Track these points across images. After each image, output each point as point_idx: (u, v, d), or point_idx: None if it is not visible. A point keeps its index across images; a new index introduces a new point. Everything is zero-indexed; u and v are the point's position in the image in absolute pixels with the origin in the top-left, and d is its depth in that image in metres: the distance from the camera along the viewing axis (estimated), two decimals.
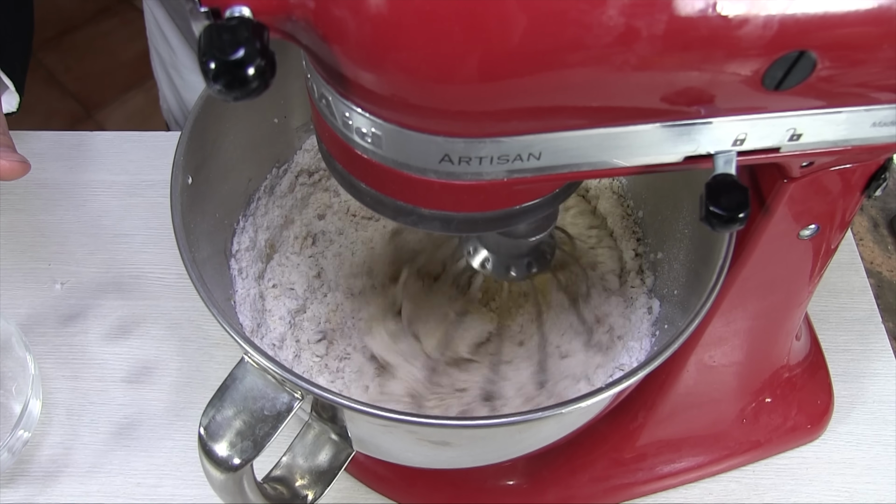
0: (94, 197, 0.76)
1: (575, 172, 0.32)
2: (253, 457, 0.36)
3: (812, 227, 0.45)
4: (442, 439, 0.38)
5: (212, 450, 0.36)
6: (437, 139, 0.30)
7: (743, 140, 0.33)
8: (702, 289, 0.42)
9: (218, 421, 0.36)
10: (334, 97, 0.31)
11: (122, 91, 1.98)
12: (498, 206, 0.34)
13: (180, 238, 0.39)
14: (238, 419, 0.36)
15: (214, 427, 0.36)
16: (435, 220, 0.34)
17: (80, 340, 0.67)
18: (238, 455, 0.36)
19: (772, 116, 0.32)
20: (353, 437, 0.42)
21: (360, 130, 0.31)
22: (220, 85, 0.26)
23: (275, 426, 0.36)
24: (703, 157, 0.33)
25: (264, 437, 0.36)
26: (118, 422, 0.63)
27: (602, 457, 0.61)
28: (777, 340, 0.58)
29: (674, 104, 0.31)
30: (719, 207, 0.31)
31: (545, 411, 0.34)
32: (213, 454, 0.36)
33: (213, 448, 0.36)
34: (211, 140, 0.46)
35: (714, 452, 0.62)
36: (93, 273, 0.71)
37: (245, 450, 0.36)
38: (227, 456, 0.36)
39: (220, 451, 0.36)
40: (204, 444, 0.36)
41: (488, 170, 0.31)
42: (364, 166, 0.33)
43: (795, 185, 0.41)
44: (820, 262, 0.50)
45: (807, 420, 0.63)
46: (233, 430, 0.36)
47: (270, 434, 0.36)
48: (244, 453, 0.36)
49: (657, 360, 0.37)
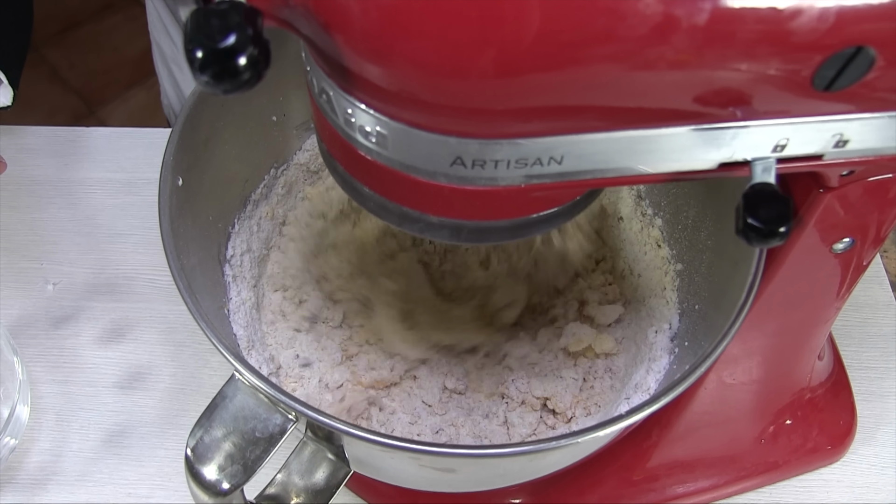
0: (89, 195, 0.73)
1: (599, 179, 0.30)
2: (243, 482, 0.33)
3: (846, 240, 0.43)
4: (448, 466, 0.35)
5: (199, 473, 0.33)
6: (448, 140, 0.27)
7: (784, 146, 0.30)
8: (728, 306, 0.39)
9: (206, 442, 0.34)
10: (336, 92, 0.28)
11: (124, 88, 1.96)
12: (513, 215, 0.31)
13: (168, 243, 0.37)
14: (228, 441, 0.33)
15: (202, 449, 0.34)
16: (444, 228, 0.31)
17: (71, 343, 0.65)
18: (227, 479, 0.33)
19: (817, 120, 0.29)
20: (350, 457, 0.39)
21: (364, 129, 0.29)
22: (208, 76, 0.24)
23: (267, 449, 0.33)
24: (739, 165, 0.30)
25: (256, 461, 0.33)
26: (109, 429, 0.61)
27: (612, 476, 0.58)
28: (800, 359, 0.55)
29: (708, 105, 0.28)
30: (758, 220, 0.28)
31: (559, 441, 0.31)
32: (200, 478, 0.33)
33: (202, 471, 0.33)
34: (204, 139, 0.43)
35: (729, 473, 0.59)
36: (86, 273, 0.68)
37: (235, 474, 0.33)
38: (215, 480, 0.33)
39: (208, 474, 0.33)
40: (191, 467, 0.34)
41: (504, 174, 0.29)
42: (367, 168, 0.30)
43: (832, 195, 0.38)
44: (850, 279, 0.48)
45: (828, 441, 0.61)
46: (222, 453, 0.33)
47: (262, 458, 0.33)
48: (234, 478, 0.33)
49: (681, 386, 0.34)
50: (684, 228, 0.49)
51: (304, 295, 0.52)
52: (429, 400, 0.49)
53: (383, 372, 0.50)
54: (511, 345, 0.52)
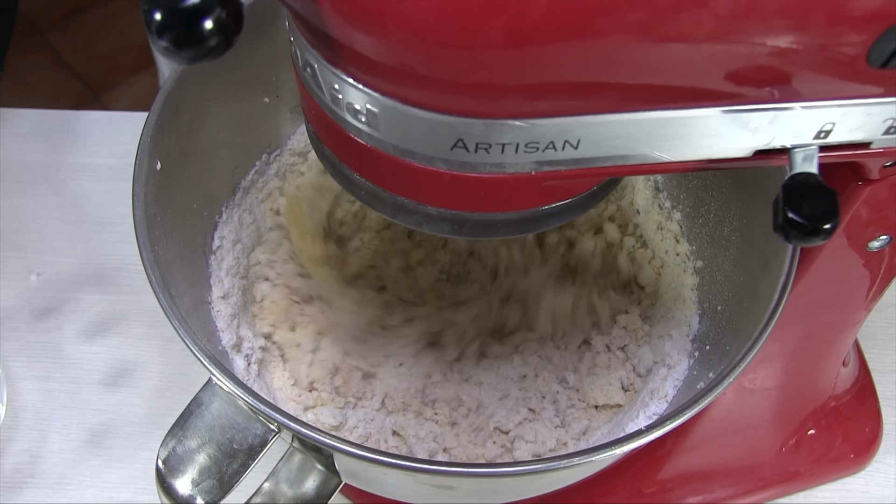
0: (77, 181, 0.70)
1: (619, 167, 0.26)
2: (219, 498, 0.30)
3: (883, 238, 0.39)
4: (446, 484, 0.32)
5: (171, 487, 0.30)
6: (448, 119, 0.24)
7: (828, 132, 0.27)
8: (756, 309, 0.36)
9: (179, 454, 0.30)
10: (321, 64, 0.25)
11: (129, 73, 1.94)
12: (521, 206, 0.28)
13: (140, 232, 0.34)
14: (202, 453, 0.30)
15: (175, 461, 0.31)
16: (444, 221, 0.28)
17: (54, 337, 0.62)
18: (202, 495, 0.30)
19: (869, 103, 0.26)
20: (341, 469, 0.36)
21: (353, 107, 0.25)
22: (167, 41, 0.20)
23: (245, 463, 0.30)
24: (777, 152, 0.27)
25: (233, 476, 0.30)
26: (92, 428, 0.58)
27: (622, 486, 0.55)
28: (825, 365, 0.52)
29: (743, 84, 0.25)
30: (801, 215, 0.25)
31: (571, 459, 0.28)
32: (172, 492, 0.30)
33: (174, 485, 0.30)
34: (187, 120, 0.40)
35: (747, 483, 0.56)
36: (72, 264, 0.65)
37: (210, 490, 0.30)
38: (188, 496, 0.30)
39: (181, 488, 0.30)
40: (162, 481, 0.31)
41: (512, 160, 0.25)
42: (357, 153, 0.27)
43: (872, 188, 0.35)
44: (883, 279, 0.44)
45: (851, 450, 0.57)
46: (196, 466, 0.30)
47: (241, 472, 0.30)
48: (209, 494, 0.30)
49: (706, 398, 0.31)
50: (705, 223, 0.46)
51: (296, 291, 0.48)
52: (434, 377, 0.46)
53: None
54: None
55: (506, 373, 0.47)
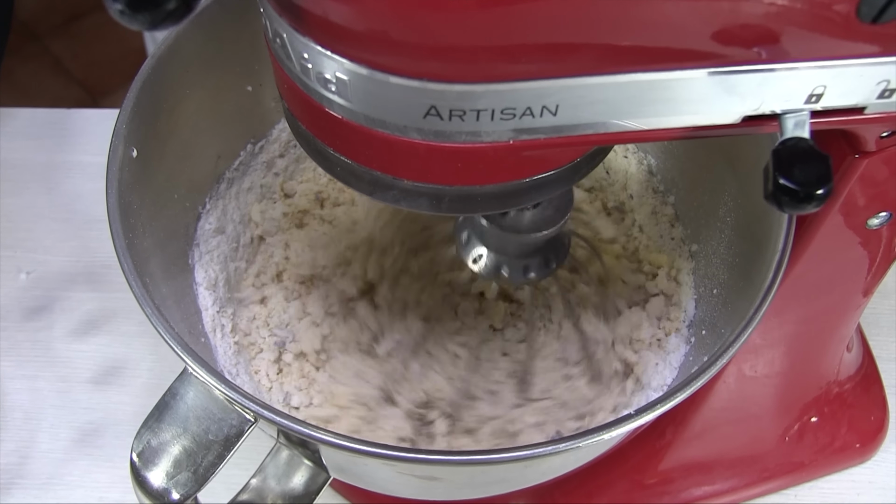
0: (68, 179, 0.70)
1: (601, 134, 0.25)
2: (195, 491, 0.29)
3: (882, 215, 0.38)
4: (428, 474, 0.31)
5: (145, 480, 0.29)
6: (420, 85, 0.23)
7: (820, 96, 0.25)
8: (751, 289, 0.35)
9: (153, 446, 0.29)
10: (289, 33, 0.24)
11: (128, 78, 1.92)
12: (501, 178, 0.27)
13: (113, 218, 0.33)
14: (177, 444, 0.29)
15: (149, 453, 0.29)
16: (421, 195, 0.27)
17: (43, 336, 0.61)
18: (177, 488, 0.29)
19: (860, 63, 0.24)
20: (328, 463, 0.35)
21: (322, 76, 0.24)
22: (123, 3, 0.19)
23: (221, 454, 0.29)
24: (767, 118, 0.26)
25: (209, 468, 0.29)
26: (81, 427, 0.57)
27: (622, 478, 0.54)
28: (827, 350, 0.50)
29: (729, 45, 0.23)
30: (792, 180, 0.24)
31: (557, 445, 0.27)
32: (146, 485, 0.29)
33: (147, 478, 0.29)
34: (167, 108, 0.39)
35: (750, 475, 0.55)
36: (62, 262, 0.65)
37: (185, 482, 0.29)
38: (163, 489, 0.29)
39: (154, 480, 0.29)
40: (137, 474, 0.30)
41: (489, 128, 0.24)
42: (331, 126, 0.26)
43: (869, 161, 0.34)
44: (884, 259, 0.43)
45: (857, 439, 0.56)
46: (170, 458, 0.29)
47: (216, 464, 0.29)
48: (184, 486, 0.29)
49: (699, 380, 0.30)
50: (700, 205, 0.45)
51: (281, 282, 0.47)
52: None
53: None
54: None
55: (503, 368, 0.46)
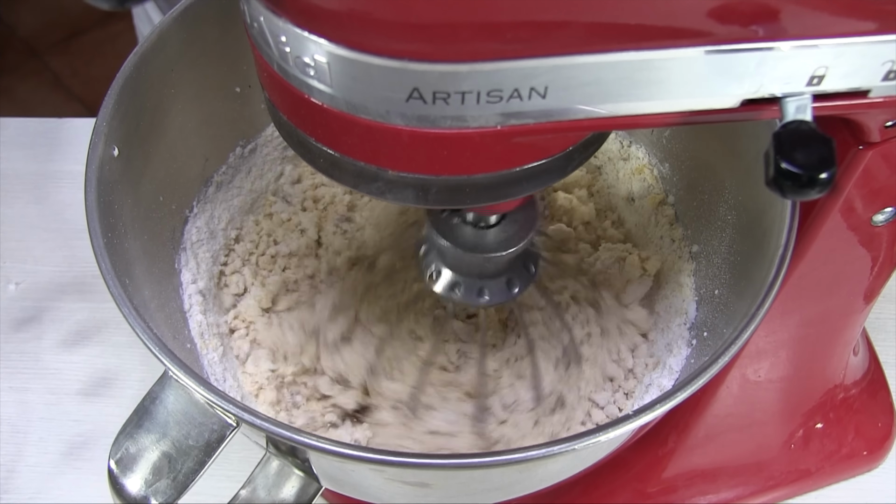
0: (59, 189, 0.69)
1: (592, 119, 0.24)
2: (174, 499, 0.28)
3: (888, 210, 0.37)
4: (419, 480, 0.29)
5: (122, 488, 0.28)
6: (402, 66, 0.22)
7: (822, 77, 0.24)
8: (752, 289, 0.33)
9: (132, 452, 0.28)
10: (266, 16, 0.23)
11: None
12: (490, 168, 0.25)
13: (91, 217, 0.32)
14: (156, 450, 0.28)
15: (127, 460, 0.28)
16: (407, 187, 0.26)
17: (32, 347, 0.60)
18: (155, 496, 0.28)
19: (863, 41, 0.23)
20: (318, 471, 0.34)
21: (301, 60, 0.23)
22: None
23: (201, 460, 0.28)
24: (768, 102, 0.25)
25: (189, 474, 0.28)
26: (70, 440, 0.56)
27: (624, 487, 0.52)
28: (833, 353, 0.49)
29: (726, 23, 0.22)
30: (794, 164, 0.23)
31: (551, 448, 0.26)
32: (124, 493, 0.28)
33: (125, 486, 0.28)
34: (150, 107, 0.38)
35: (756, 483, 0.53)
36: (52, 272, 0.64)
37: (164, 490, 0.28)
38: (141, 497, 0.28)
39: (131, 487, 0.28)
40: (114, 481, 0.28)
41: (475, 112, 0.23)
42: (311, 114, 0.25)
43: (874, 153, 0.33)
44: (889, 258, 0.42)
45: (864, 446, 0.55)
46: (148, 465, 0.28)
47: (196, 470, 0.28)
48: (163, 494, 0.28)
49: (700, 379, 0.29)
50: (700, 204, 0.44)
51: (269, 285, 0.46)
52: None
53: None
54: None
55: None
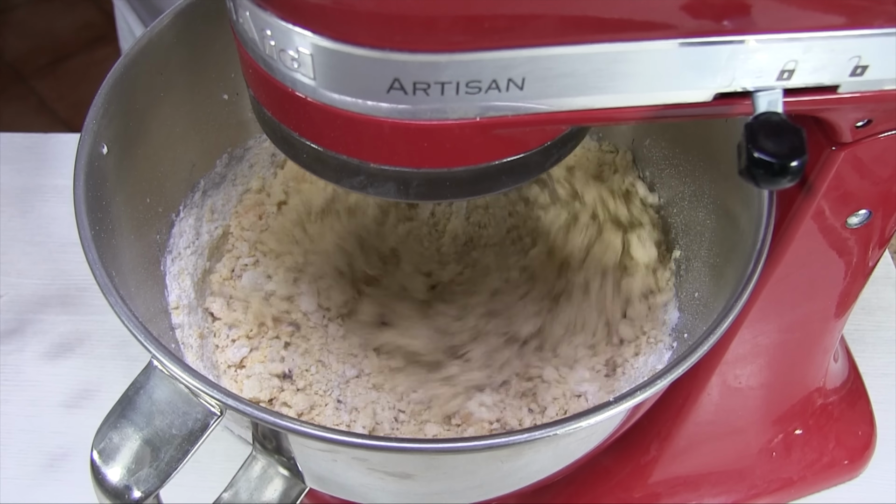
0: (44, 203, 0.69)
1: (570, 112, 0.25)
2: (156, 487, 0.28)
3: (862, 213, 0.38)
4: (401, 471, 0.29)
5: (104, 478, 0.28)
6: (383, 56, 0.22)
7: (791, 72, 0.25)
8: (730, 288, 0.34)
9: (115, 442, 0.28)
10: (251, 10, 0.24)
11: None
12: (470, 161, 0.26)
13: (79, 209, 0.32)
14: (139, 439, 0.28)
15: (110, 450, 0.28)
16: (388, 180, 0.26)
17: (13, 360, 0.60)
18: (137, 485, 0.28)
19: (830, 36, 0.24)
20: (304, 470, 0.34)
21: (285, 53, 0.24)
22: None
23: (184, 449, 0.28)
24: (740, 96, 0.26)
25: (171, 463, 0.28)
26: (51, 452, 0.55)
27: (607, 495, 0.52)
28: (813, 359, 0.50)
29: (693, 14, 0.23)
30: (765, 153, 0.23)
31: (532, 432, 0.26)
32: (105, 483, 0.28)
33: (106, 475, 0.28)
34: (139, 109, 0.39)
35: (738, 491, 0.54)
36: (35, 285, 0.64)
37: (146, 479, 0.28)
38: (123, 486, 0.28)
39: (112, 477, 0.28)
40: (96, 472, 0.28)
41: (455, 104, 0.24)
42: (294, 108, 0.25)
43: (846, 153, 0.33)
44: (867, 260, 0.43)
45: (845, 454, 0.55)
46: (130, 454, 0.28)
47: (179, 459, 0.28)
48: (145, 483, 0.28)
49: (681, 366, 0.29)
50: (680, 211, 0.44)
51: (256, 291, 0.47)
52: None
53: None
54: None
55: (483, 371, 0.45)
